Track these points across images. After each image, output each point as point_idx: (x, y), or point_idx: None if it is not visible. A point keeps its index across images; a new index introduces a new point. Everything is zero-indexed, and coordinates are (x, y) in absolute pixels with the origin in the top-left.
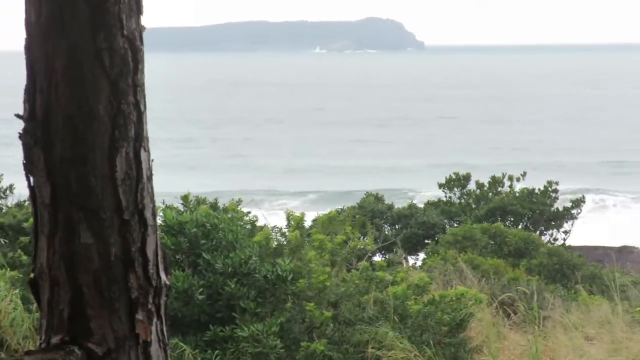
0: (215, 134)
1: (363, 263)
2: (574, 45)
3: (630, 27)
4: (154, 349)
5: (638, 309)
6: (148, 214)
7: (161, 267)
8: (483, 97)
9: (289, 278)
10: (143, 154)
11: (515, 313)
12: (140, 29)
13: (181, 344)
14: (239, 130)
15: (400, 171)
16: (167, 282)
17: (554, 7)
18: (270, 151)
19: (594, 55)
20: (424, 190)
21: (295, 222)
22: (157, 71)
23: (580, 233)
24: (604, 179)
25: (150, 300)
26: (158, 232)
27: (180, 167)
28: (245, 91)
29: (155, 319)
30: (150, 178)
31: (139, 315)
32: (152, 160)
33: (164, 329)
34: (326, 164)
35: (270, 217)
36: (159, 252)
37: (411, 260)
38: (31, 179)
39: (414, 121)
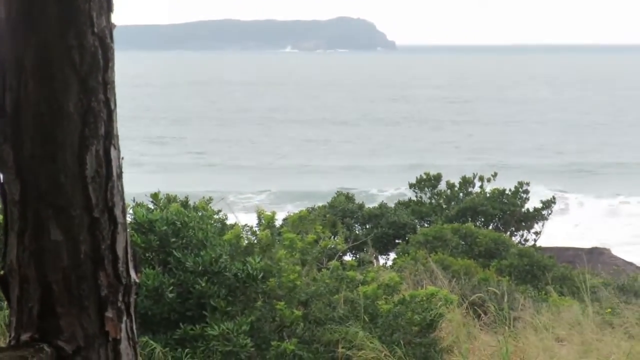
0: (180, 133)
1: (333, 262)
2: (554, 46)
3: (614, 29)
4: (124, 346)
5: (608, 310)
6: (118, 212)
7: (131, 265)
8: (446, 97)
9: (260, 277)
10: (113, 152)
11: (485, 314)
12: (111, 26)
13: (151, 342)
14: (202, 129)
15: (360, 170)
16: (137, 280)
17: (529, 7)
18: (232, 150)
19: (571, 57)
20: (385, 190)
21: (266, 221)
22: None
23: (547, 234)
24: (566, 181)
25: (120, 298)
26: (128, 230)
27: (144, 167)
28: (211, 90)
29: (124, 317)
30: (120, 176)
31: (109, 313)
32: (122, 158)
33: (134, 326)
34: (286, 163)
35: (233, 215)
36: (129, 250)
37: (382, 260)
38: (1, 176)
39: (376, 121)
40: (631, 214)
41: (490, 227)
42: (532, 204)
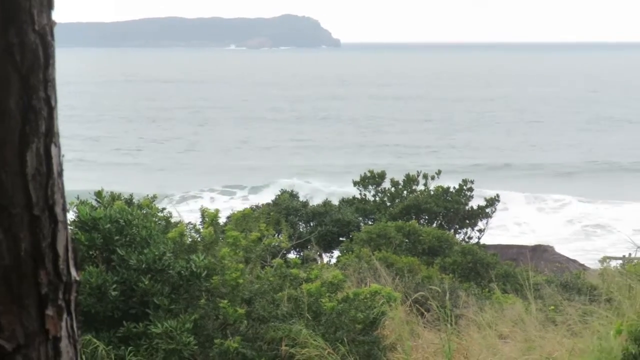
0: (108, 131)
1: (277, 260)
2: (505, 44)
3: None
4: (64, 344)
5: (552, 307)
6: (58, 210)
7: (72, 262)
8: (369, 95)
9: (203, 275)
10: (54, 150)
11: (428, 311)
12: (51, 24)
13: (95, 340)
14: (134, 127)
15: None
16: (78, 278)
17: (476, 4)
18: (166, 148)
19: (512, 54)
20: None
21: (210, 219)
22: (65, 66)
23: (490, 232)
24: (494, 180)
25: (61, 296)
26: (69, 228)
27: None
28: (143, 87)
29: (65, 315)
30: (60, 174)
31: (49, 311)
32: (63, 156)
33: (74, 324)
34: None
35: (177, 213)
36: (70, 248)
37: (326, 257)
38: None
39: (309, 119)
40: (571, 213)
41: (434, 225)
42: (475, 202)
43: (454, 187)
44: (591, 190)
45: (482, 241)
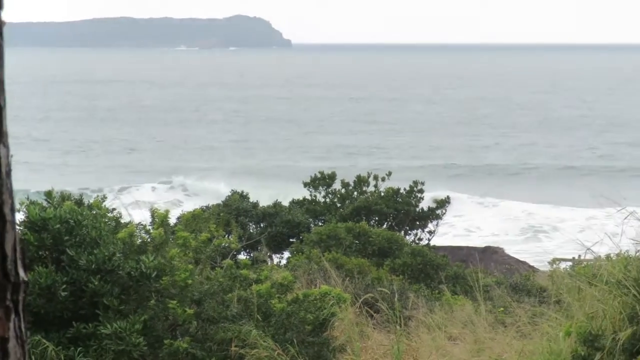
0: (51, 132)
1: (227, 261)
2: (455, 45)
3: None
4: (12, 345)
5: (501, 309)
6: (7, 210)
7: (20, 263)
8: (317, 96)
9: (153, 275)
10: (2, 150)
11: (378, 313)
12: (1, 23)
13: (44, 341)
14: (76, 127)
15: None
16: (26, 279)
17: (428, 5)
18: (100, 148)
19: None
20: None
21: (160, 220)
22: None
23: (440, 233)
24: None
25: (9, 296)
26: (18, 228)
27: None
28: (90, 88)
29: (13, 316)
30: (9, 174)
31: None
32: (12, 156)
33: (22, 325)
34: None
35: (127, 214)
36: (18, 248)
37: (276, 258)
38: None
39: (254, 119)
40: (519, 214)
41: (385, 226)
42: (425, 203)
43: (405, 189)
44: (537, 192)
45: (432, 243)
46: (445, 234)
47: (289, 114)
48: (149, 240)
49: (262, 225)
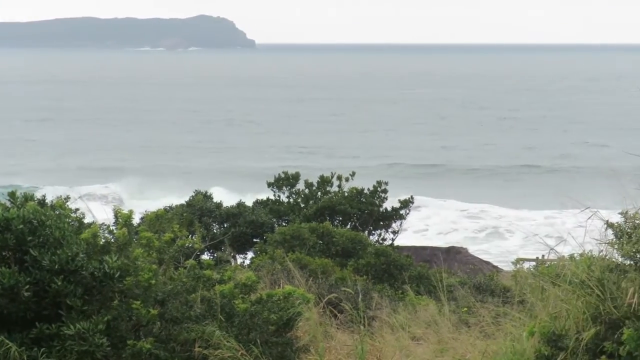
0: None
1: (190, 261)
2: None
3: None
4: None
5: (465, 309)
6: None
7: None
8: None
9: (116, 276)
10: None
11: (342, 313)
12: None
13: (7, 341)
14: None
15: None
16: None
17: (385, 8)
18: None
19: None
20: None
21: (123, 220)
22: None
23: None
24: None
25: None
26: None
27: None
28: (48, 88)
29: None
30: None
31: None
32: None
33: None
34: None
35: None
36: None
37: (239, 259)
38: None
39: (198, 120)
40: (482, 215)
41: (348, 226)
42: (389, 203)
43: (368, 189)
44: (497, 191)
45: (396, 243)
46: (405, 230)
47: (248, 114)
48: (112, 240)
49: (225, 226)
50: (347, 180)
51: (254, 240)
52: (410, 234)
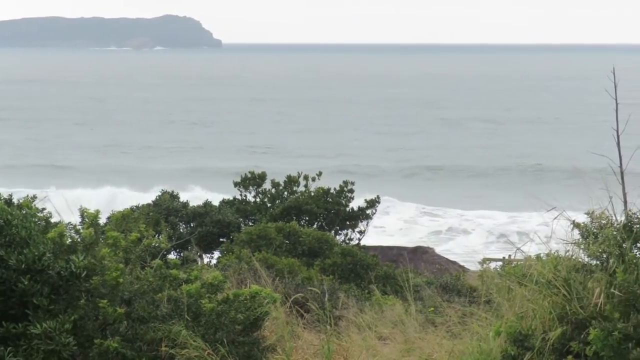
0: None
1: (157, 261)
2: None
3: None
4: None
5: (431, 309)
6: None
7: None
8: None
9: (83, 275)
10: None
11: (308, 312)
12: None
13: None
14: None
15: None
16: None
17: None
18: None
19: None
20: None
21: (90, 219)
22: None
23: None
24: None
25: None
26: None
27: None
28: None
29: None
30: None
31: None
32: None
33: None
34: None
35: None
36: None
37: (206, 258)
38: None
39: (158, 121)
40: (444, 215)
41: (315, 226)
42: (356, 203)
43: (335, 189)
44: (463, 193)
45: (362, 242)
46: (376, 233)
47: (211, 114)
48: (79, 240)
49: (192, 225)
50: (313, 180)
51: (221, 239)
52: (372, 234)
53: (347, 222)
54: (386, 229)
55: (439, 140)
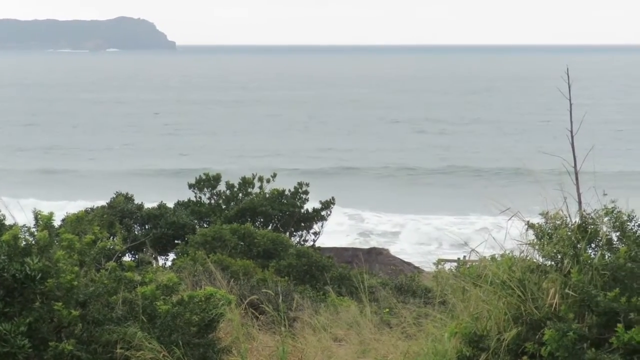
0: None
1: (111, 263)
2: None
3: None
4: None
5: (386, 310)
6: None
7: None
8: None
9: (38, 277)
10: None
11: (263, 314)
12: None
13: None
14: None
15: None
16: None
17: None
18: None
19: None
20: None
21: (44, 221)
22: None
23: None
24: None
25: None
26: None
27: None
28: None
29: None
30: None
31: None
32: None
33: None
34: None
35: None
36: None
37: (161, 260)
38: None
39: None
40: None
41: (270, 228)
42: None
43: (289, 190)
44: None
45: (317, 244)
46: (331, 235)
47: (164, 115)
48: (33, 242)
49: (147, 227)
50: (268, 181)
51: (176, 241)
52: (332, 234)
53: (302, 224)
54: (343, 230)
55: (389, 141)
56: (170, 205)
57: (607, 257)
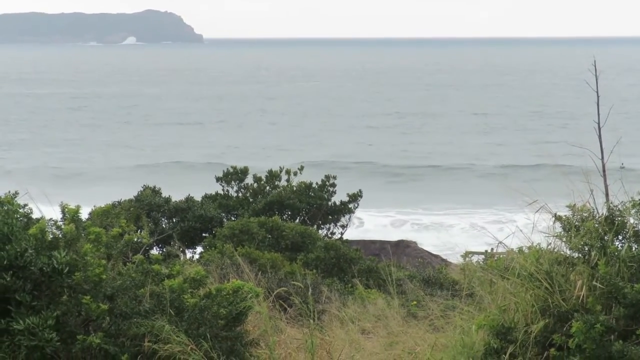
0: None
1: (138, 256)
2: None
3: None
4: None
5: (414, 302)
6: None
7: None
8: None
9: (65, 271)
10: None
11: (291, 307)
12: None
13: None
14: None
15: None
16: None
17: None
18: None
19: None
20: None
21: (71, 215)
22: None
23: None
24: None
25: None
26: None
27: None
28: None
29: None
30: None
31: None
32: None
33: None
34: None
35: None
36: None
37: (189, 253)
38: None
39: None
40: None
41: (297, 221)
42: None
43: (317, 183)
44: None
45: (345, 236)
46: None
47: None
48: (60, 236)
49: (174, 220)
50: (295, 174)
51: (203, 234)
52: (362, 227)
53: (330, 217)
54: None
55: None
56: (198, 198)
57: (634, 249)
